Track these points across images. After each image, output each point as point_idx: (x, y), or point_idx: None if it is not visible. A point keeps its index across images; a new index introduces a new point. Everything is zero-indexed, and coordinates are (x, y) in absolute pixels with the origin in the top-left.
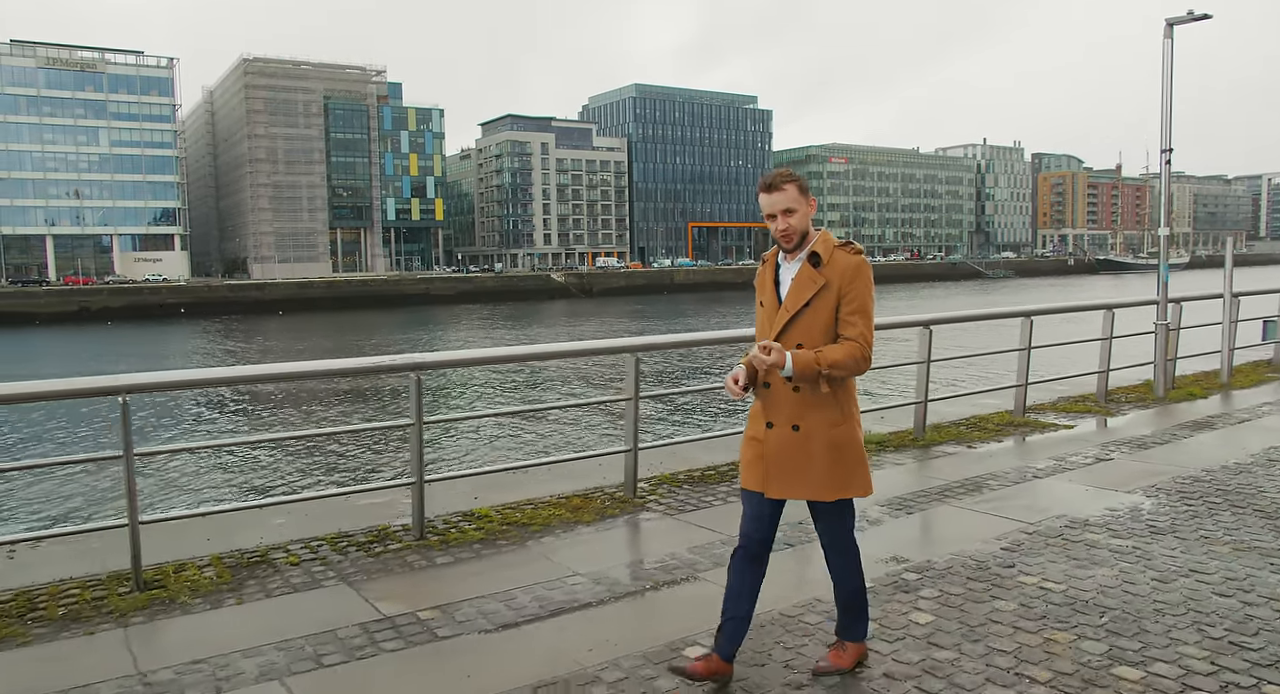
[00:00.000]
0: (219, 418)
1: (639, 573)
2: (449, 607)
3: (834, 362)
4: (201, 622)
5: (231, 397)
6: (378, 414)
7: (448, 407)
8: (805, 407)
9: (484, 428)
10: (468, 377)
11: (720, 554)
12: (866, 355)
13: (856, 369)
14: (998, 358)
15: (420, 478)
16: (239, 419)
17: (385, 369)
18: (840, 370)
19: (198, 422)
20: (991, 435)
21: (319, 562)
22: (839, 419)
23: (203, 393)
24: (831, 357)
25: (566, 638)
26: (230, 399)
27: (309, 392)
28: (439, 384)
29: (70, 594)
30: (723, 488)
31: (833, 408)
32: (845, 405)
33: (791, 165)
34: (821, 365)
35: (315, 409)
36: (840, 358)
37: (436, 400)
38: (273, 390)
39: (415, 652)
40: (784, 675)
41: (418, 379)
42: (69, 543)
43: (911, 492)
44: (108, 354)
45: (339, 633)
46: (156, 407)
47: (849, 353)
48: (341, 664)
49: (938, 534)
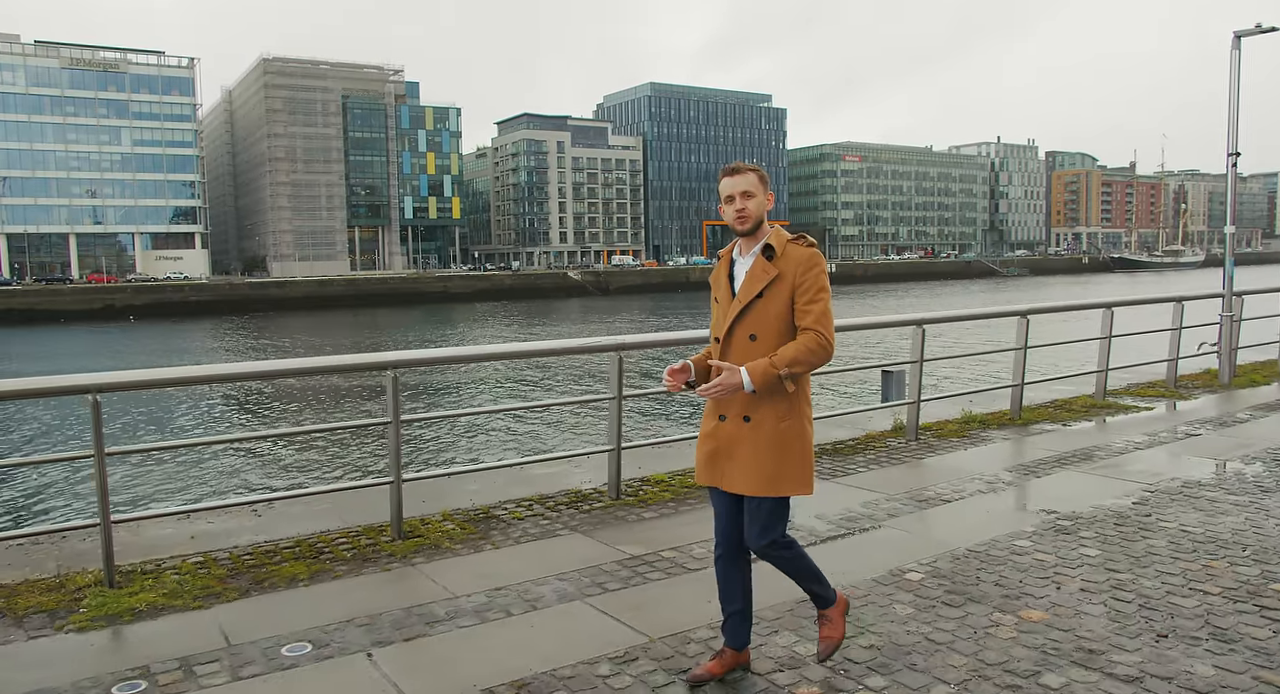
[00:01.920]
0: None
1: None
2: (682, 548)
3: (791, 360)
4: (475, 561)
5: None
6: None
7: (428, 406)
8: (757, 400)
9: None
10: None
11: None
12: (824, 343)
13: (818, 360)
14: (1066, 348)
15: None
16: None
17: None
18: (800, 366)
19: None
20: (1080, 415)
21: (541, 517)
22: (787, 413)
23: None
24: (787, 356)
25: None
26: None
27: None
28: (459, 380)
29: (342, 542)
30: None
31: (784, 402)
32: (797, 401)
33: (805, 164)
34: (778, 368)
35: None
36: (796, 354)
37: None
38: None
39: (679, 579)
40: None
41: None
42: (332, 499)
43: (1031, 461)
44: (132, 350)
45: (603, 567)
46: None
47: (805, 346)
48: (622, 588)
49: (1071, 493)
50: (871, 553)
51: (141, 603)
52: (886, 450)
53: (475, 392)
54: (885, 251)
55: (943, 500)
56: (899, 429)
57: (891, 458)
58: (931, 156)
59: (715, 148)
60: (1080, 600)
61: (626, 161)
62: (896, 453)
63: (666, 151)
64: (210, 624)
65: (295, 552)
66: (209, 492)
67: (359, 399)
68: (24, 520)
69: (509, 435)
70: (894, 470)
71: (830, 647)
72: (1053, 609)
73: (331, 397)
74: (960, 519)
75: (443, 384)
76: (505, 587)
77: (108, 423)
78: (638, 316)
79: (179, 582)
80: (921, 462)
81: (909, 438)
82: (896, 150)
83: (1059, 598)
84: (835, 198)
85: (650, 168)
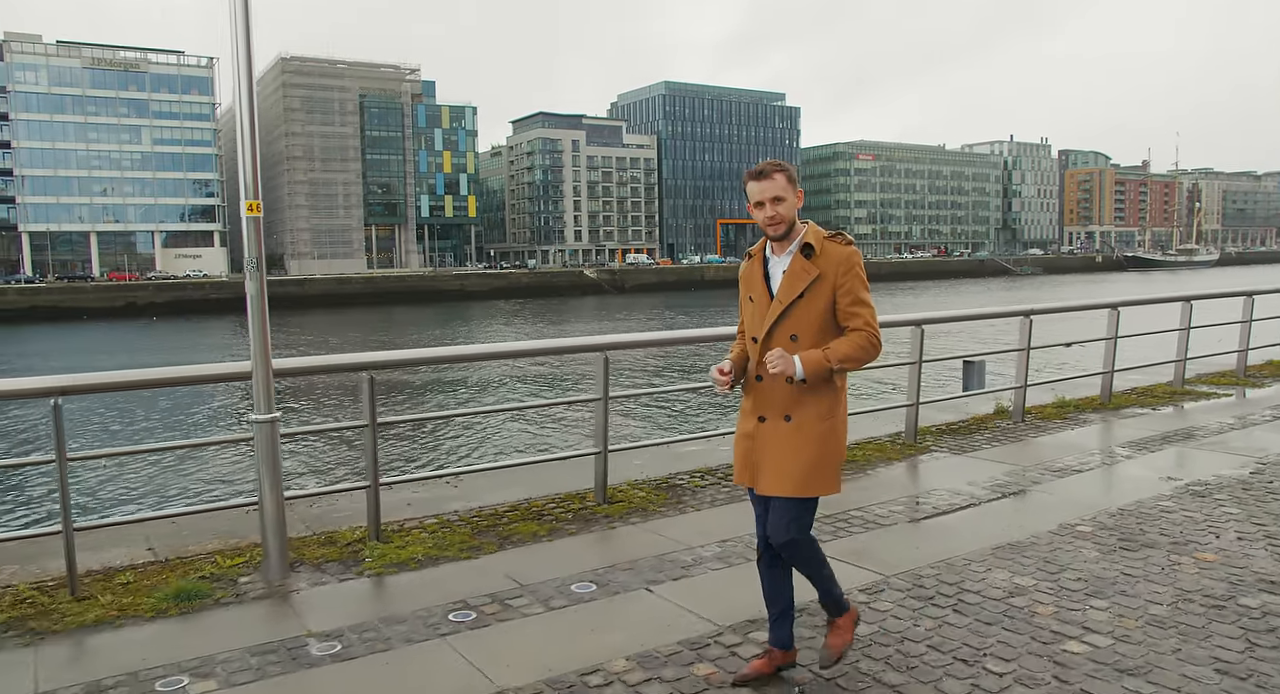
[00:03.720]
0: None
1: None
2: (867, 508)
3: (844, 356)
4: (684, 520)
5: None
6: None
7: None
8: (798, 399)
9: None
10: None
11: None
12: (876, 343)
13: (868, 358)
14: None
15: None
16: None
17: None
18: (851, 364)
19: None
20: (1163, 401)
21: (717, 487)
22: (828, 413)
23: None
24: (840, 351)
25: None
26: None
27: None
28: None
29: (553, 507)
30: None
31: (825, 402)
32: (837, 402)
33: (819, 163)
34: (831, 362)
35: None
36: (850, 351)
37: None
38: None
39: (876, 532)
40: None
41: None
42: (525, 472)
43: (1138, 438)
44: (158, 347)
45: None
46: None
47: (857, 344)
48: (831, 540)
49: (1189, 465)
50: (1035, 512)
51: (417, 554)
52: (998, 431)
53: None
54: (898, 250)
55: (1074, 471)
56: (1002, 412)
57: (1007, 437)
58: (945, 155)
59: (729, 146)
60: (1242, 546)
61: (641, 160)
62: (1009, 433)
63: (680, 150)
64: (492, 570)
65: (517, 515)
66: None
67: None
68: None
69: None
70: (1015, 447)
71: (835, 654)
72: (1221, 553)
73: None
74: (1098, 485)
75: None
76: (729, 539)
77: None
78: (655, 313)
79: (436, 539)
80: (1036, 439)
81: (1015, 420)
82: (910, 149)
83: (1222, 544)
84: (849, 196)
85: (664, 166)
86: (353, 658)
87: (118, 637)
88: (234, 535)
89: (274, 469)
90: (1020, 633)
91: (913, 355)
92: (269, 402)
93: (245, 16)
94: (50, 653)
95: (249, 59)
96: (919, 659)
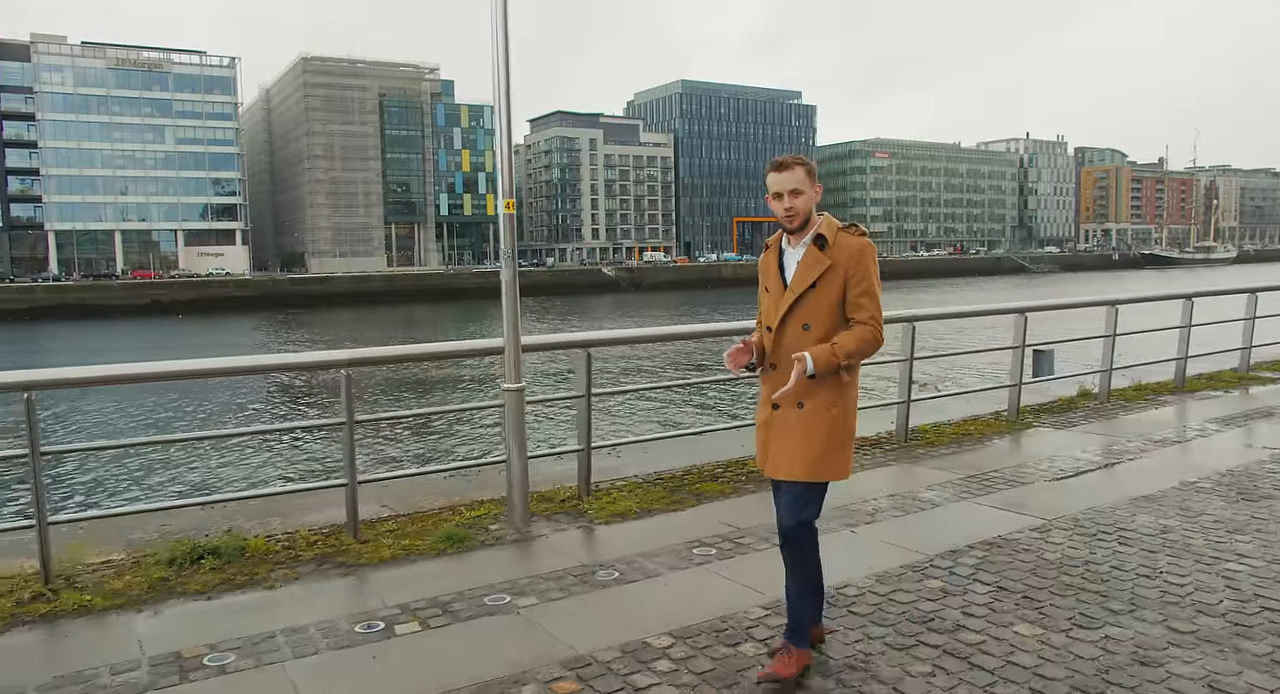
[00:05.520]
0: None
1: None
2: (1003, 471)
3: (850, 352)
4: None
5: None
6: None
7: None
8: (811, 388)
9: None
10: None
11: None
12: (878, 336)
13: (871, 351)
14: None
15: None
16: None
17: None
18: (857, 358)
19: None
20: (1232, 385)
21: (733, 479)
22: (835, 400)
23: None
24: (847, 347)
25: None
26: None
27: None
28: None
29: (719, 471)
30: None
31: (834, 390)
32: (846, 388)
33: (835, 160)
34: (839, 357)
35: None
36: (854, 347)
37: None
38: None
39: (1021, 488)
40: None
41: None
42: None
43: (1221, 416)
44: (187, 346)
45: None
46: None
47: (861, 338)
48: (978, 495)
49: (1274, 436)
50: (1153, 472)
51: (631, 507)
52: (1088, 410)
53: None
54: (914, 248)
55: (1173, 441)
56: (1086, 394)
57: (1099, 414)
58: (960, 153)
59: (745, 145)
60: None
61: (658, 158)
62: (1099, 411)
63: (697, 148)
64: (706, 517)
65: (694, 477)
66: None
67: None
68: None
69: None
70: (1110, 422)
71: (773, 681)
72: None
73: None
74: (1200, 452)
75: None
76: (897, 493)
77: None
78: (675, 310)
79: (637, 496)
80: (1125, 417)
81: (1101, 400)
82: (925, 146)
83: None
84: (864, 194)
85: (681, 165)
86: (633, 581)
87: (419, 568)
88: (455, 493)
89: (520, 432)
90: (1183, 558)
91: (1015, 340)
92: (518, 373)
93: (504, 27)
94: (374, 578)
95: (507, 71)
96: (1109, 575)
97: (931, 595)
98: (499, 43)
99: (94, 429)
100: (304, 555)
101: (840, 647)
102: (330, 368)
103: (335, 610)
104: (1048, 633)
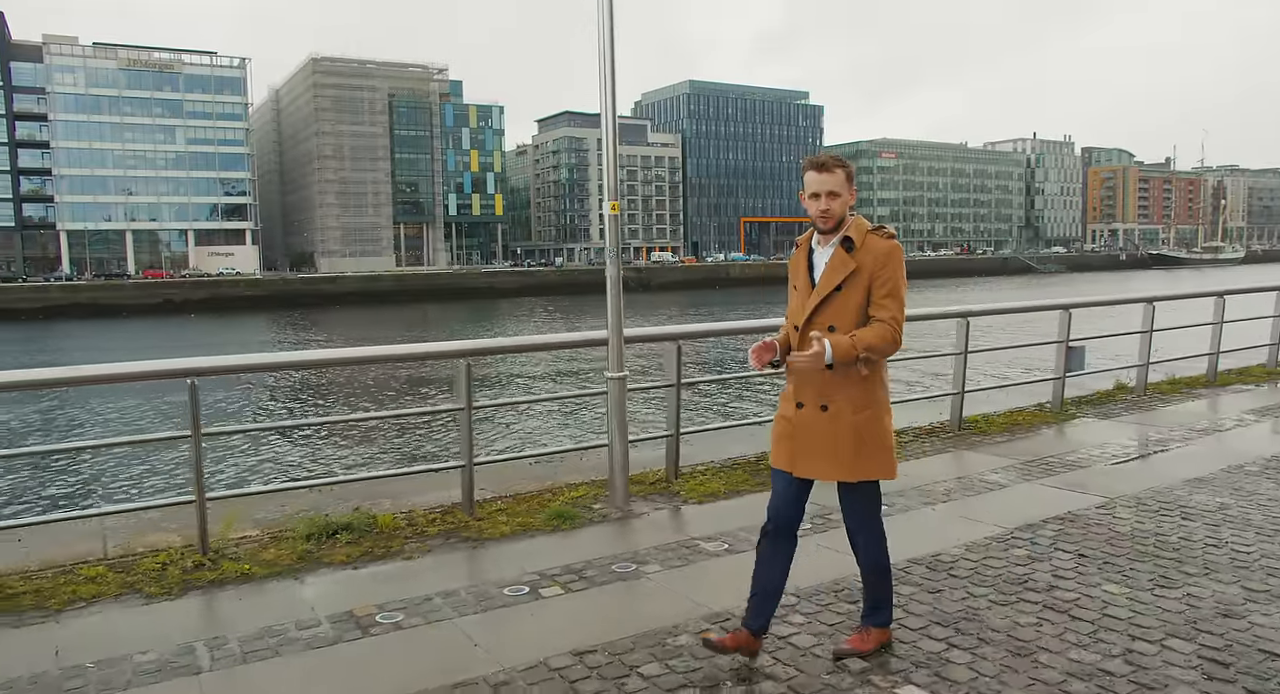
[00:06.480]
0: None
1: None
2: (1060, 456)
3: (869, 345)
4: (921, 463)
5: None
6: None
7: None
8: (834, 388)
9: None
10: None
11: None
12: (897, 337)
13: (888, 350)
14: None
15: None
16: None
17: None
18: (874, 353)
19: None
20: (1262, 379)
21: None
22: (865, 403)
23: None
24: (866, 340)
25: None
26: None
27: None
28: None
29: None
30: None
31: (861, 392)
32: (874, 390)
33: None
34: (858, 349)
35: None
36: (874, 341)
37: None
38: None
39: (1080, 471)
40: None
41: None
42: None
43: (1259, 407)
44: (202, 344)
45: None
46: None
47: (881, 336)
48: (1040, 477)
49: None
50: (1201, 457)
51: (720, 488)
52: (1127, 402)
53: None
54: (921, 248)
55: (1215, 430)
56: (1122, 388)
57: (1139, 406)
58: (967, 153)
59: (753, 145)
60: None
61: (665, 159)
62: (1138, 404)
63: (705, 149)
64: None
65: (766, 463)
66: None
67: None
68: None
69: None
70: (1150, 413)
71: (849, 653)
72: None
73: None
74: (1243, 439)
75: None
76: (965, 476)
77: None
78: (684, 310)
79: (723, 478)
80: (1164, 409)
81: (1139, 394)
82: (932, 147)
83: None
84: (872, 194)
85: (689, 165)
86: (742, 552)
87: (537, 542)
88: (546, 478)
89: (621, 418)
90: (1245, 530)
91: (1060, 335)
92: (620, 362)
93: (610, 29)
94: (499, 551)
95: (613, 75)
96: (1179, 545)
97: (1019, 562)
98: (605, 59)
99: (209, 414)
100: (429, 531)
101: (950, 603)
102: (451, 357)
103: (476, 577)
104: (1134, 592)
